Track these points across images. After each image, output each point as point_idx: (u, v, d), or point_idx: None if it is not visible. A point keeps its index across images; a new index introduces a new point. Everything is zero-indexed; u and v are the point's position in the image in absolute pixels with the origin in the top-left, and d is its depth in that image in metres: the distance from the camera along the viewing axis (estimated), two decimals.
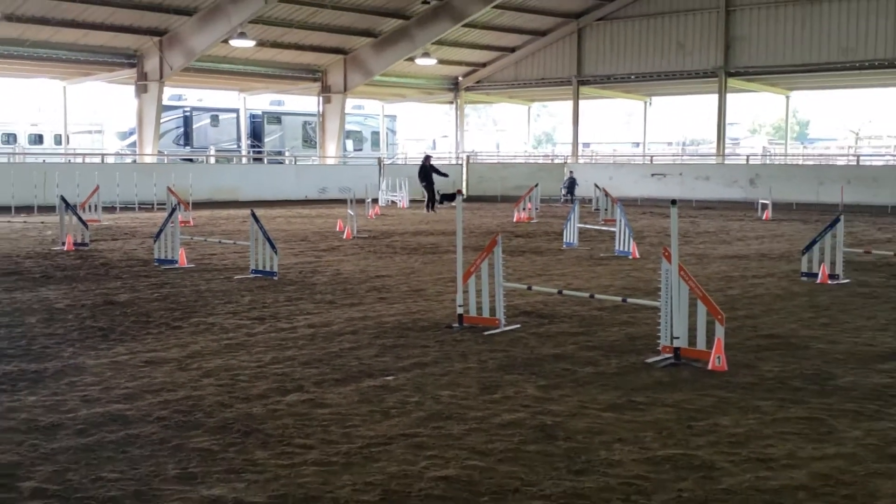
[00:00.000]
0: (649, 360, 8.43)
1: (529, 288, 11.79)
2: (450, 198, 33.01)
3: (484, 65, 46.08)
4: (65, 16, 32.45)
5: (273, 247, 14.00)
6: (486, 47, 44.31)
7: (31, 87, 43.68)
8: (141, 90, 36.54)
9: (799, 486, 5.28)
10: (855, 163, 40.73)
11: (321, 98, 42.71)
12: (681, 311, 8.35)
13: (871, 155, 47.37)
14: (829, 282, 13.67)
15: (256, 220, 14.24)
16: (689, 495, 5.12)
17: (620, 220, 17.99)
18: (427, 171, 32.29)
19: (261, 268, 14.14)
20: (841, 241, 14.04)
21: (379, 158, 42.50)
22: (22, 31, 32.61)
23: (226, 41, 34.90)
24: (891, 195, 33.11)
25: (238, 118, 45.36)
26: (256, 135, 46.59)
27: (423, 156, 35.05)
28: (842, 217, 14.29)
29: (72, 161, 36.70)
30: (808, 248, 14.31)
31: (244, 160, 44.50)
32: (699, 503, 5.01)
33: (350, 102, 44.32)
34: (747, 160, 42.20)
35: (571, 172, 38.80)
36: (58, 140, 42.01)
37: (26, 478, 5.30)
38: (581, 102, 44.09)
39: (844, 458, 5.77)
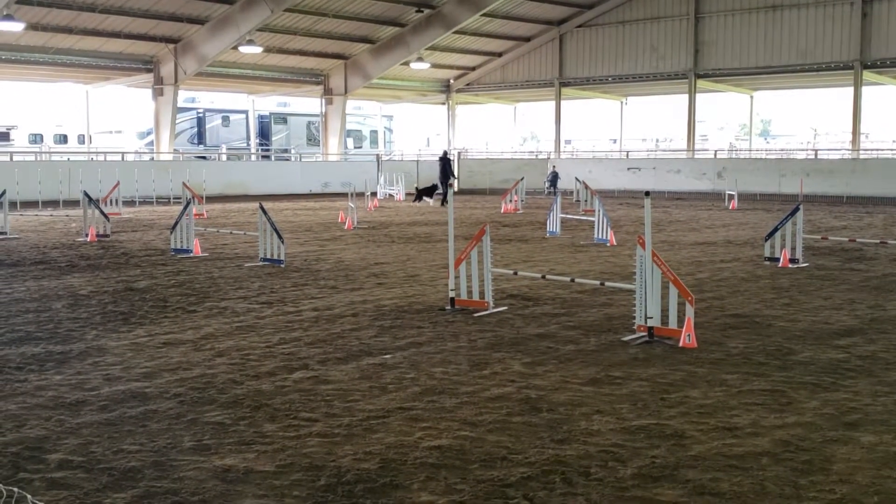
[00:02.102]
0: (625, 339, 8.43)
1: (515, 273, 11.81)
2: (428, 193, 31.48)
3: (473, 68, 45.94)
4: (86, 25, 32.26)
5: (280, 237, 13.96)
6: (475, 52, 44.16)
7: (56, 91, 43.29)
8: (157, 93, 36.37)
9: (762, 452, 5.29)
10: (813, 157, 40.76)
11: (324, 100, 42.55)
12: (654, 293, 8.36)
13: (827, 149, 47.35)
14: (790, 265, 13.69)
15: (265, 212, 14.20)
16: (662, 461, 5.13)
17: (599, 211, 17.97)
18: (445, 166, 30.74)
19: (269, 256, 14.11)
20: (800, 229, 14.06)
21: (377, 155, 42.40)
22: (47, 40, 32.41)
23: (235, 48, 34.72)
24: (846, 186, 33.12)
25: (247, 119, 45.19)
26: (264, 134, 46.42)
27: (441, 153, 33.32)
28: (801, 206, 14.32)
29: (94, 159, 36.50)
30: (771, 234, 14.33)
31: (253, 157, 44.32)
32: (671, 469, 5.02)
33: (350, 104, 44.15)
34: (715, 155, 42.15)
35: (554, 167, 38.72)
36: (81, 140, 41.82)
37: (53, 450, 5.29)
38: (562, 103, 44.00)
39: (803, 426, 5.78)
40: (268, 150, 45.56)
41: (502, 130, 58.34)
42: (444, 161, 31.30)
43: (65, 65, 34.01)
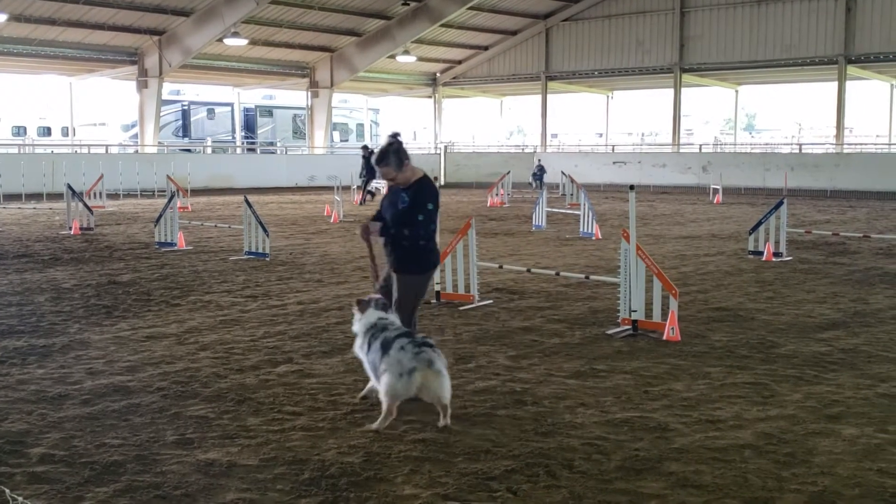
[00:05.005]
0: (610, 332, 8.45)
1: (501, 267, 11.81)
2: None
3: (460, 62, 45.87)
4: (70, 16, 32.01)
5: (265, 230, 13.92)
6: (461, 46, 44.10)
7: (40, 83, 42.97)
8: (142, 86, 36.15)
9: (745, 444, 5.31)
10: (797, 151, 40.93)
11: (309, 93, 42.39)
12: (638, 286, 8.38)
13: (812, 144, 47.56)
14: (774, 259, 13.75)
15: (249, 205, 14.15)
16: (645, 454, 5.14)
17: (584, 205, 18.00)
18: (368, 163, 26.73)
19: (254, 249, 14.06)
20: (784, 223, 14.13)
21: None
22: (30, 31, 32.14)
23: (220, 40, 34.54)
24: (830, 180, 33.32)
25: (232, 111, 44.99)
26: (250, 127, 46.23)
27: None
28: (785, 200, 14.38)
29: (78, 152, 36.28)
30: (755, 228, 14.39)
31: (238, 150, 44.15)
32: (654, 461, 5.03)
33: (336, 97, 44.01)
34: (700, 149, 42.27)
35: (539, 160, 38.76)
36: (65, 132, 41.57)
37: (35, 444, 5.25)
38: (549, 96, 44.00)
39: (786, 419, 5.81)
40: (253, 143, 45.39)
41: (489, 124, 58.32)
42: (367, 157, 27.48)
43: (48, 56, 33.75)
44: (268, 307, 9.75)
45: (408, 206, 6.35)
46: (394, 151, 6.35)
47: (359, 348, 5.96)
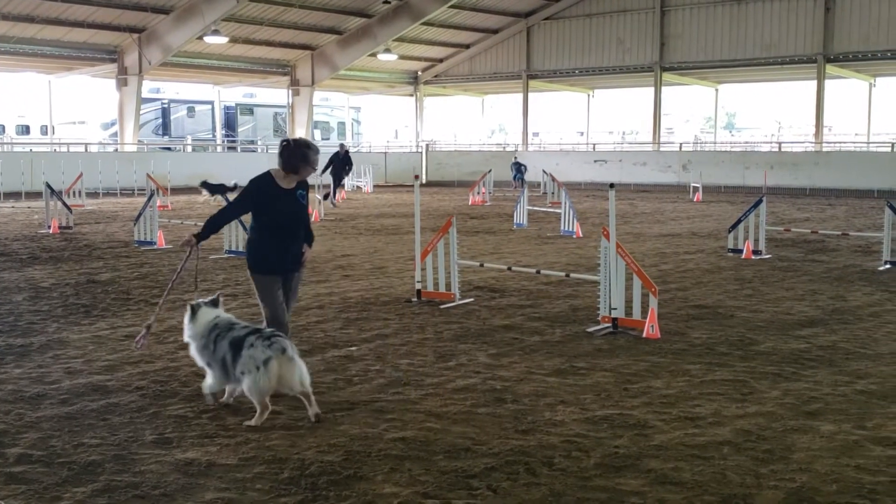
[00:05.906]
0: (590, 330, 8.48)
1: (482, 265, 11.80)
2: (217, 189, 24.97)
3: (441, 60, 45.84)
4: (49, 14, 31.74)
5: (245, 228, 13.84)
6: (442, 44, 44.07)
7: (18, 81, 42.55)
8: (121, 84, 35.89)
9: (724, 441, 5.34)
10: (777, 149, 41.17)
11: (290, 91, 42.24)
12: (618, 284, 8.41)
13: (791, 142, 47.85)
14: (753, 257, 13.83)
15: (229, 203, 14.06)
16: (625, 451, 5.16)
17: (565, 203, 18.03)
18: (341, 161, 26.32)
19: (234, 248, 14.01)
20: (763, 221, 14.21)
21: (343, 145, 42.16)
22: (8, 29, 31.84)
23: (201, 38, 34.34)
24: (809, 178, 33.55)
25: (213, 110, 44.73)
26: (230, 125, 46.01)
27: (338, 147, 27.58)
28: (764, 198, 14.47)
29: (57, 150, 35.98)
30: (734, 226, 14.47)
31: (219, 149, 43.91)
32: (633, 458, 5.05)
33: (317, 95, 43.87)
34: (680, 147, 42.45)
35: (516, 157, 38.75)
36: (44, 130, 41.20)
37: (12, 444, 5.21)
38: (530, 95, 44.06)
39: (764, 415, 5.85)
40: (234, 142, 45.18)
41: (470, 122, 58.29)
42: (345, 156, 26.64)
43: (27, 54, 33.45)
44: (248, 306, 9.71)
45: (306, 201, 6.74)
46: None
47: (197, 352, 5.97)
